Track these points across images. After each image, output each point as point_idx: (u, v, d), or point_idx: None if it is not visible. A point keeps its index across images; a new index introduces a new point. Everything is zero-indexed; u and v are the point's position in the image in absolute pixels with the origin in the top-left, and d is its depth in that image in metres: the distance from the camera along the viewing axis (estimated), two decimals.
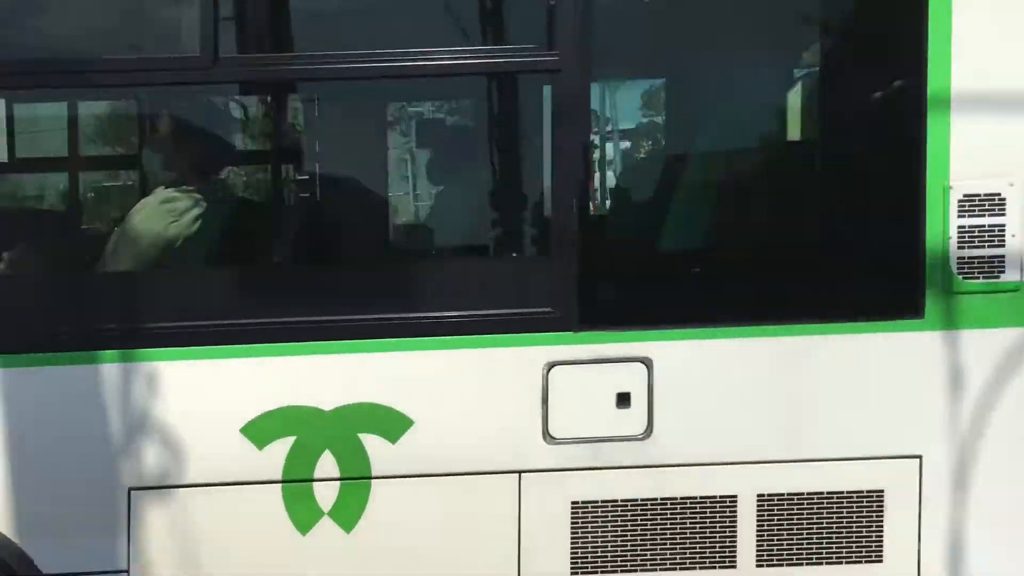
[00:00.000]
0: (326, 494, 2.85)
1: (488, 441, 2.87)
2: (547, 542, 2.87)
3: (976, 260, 2.80)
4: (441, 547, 2.92)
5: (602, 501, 2.85)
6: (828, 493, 2.86)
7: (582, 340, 2.83)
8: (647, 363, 2.83)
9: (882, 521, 2.91)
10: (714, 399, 2.89)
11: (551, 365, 2.84)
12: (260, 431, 2.82)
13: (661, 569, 2.85)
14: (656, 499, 2.84)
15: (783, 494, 2.85)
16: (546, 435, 2.85)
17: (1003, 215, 2.79)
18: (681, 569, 2.85)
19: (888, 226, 2.94)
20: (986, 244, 2.79)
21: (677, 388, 2.85)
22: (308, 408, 2.84)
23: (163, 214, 3.19)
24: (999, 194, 2.79)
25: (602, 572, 2.83)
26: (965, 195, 2.80)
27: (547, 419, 2.85)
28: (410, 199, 6.81)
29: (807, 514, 2.85)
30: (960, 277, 2.82)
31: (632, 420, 2.84)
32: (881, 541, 2.91)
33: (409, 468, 2.84)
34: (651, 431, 2.84)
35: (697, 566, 2.85)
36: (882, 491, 2.90)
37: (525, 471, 2.86)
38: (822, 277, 3.04)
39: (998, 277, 2.82)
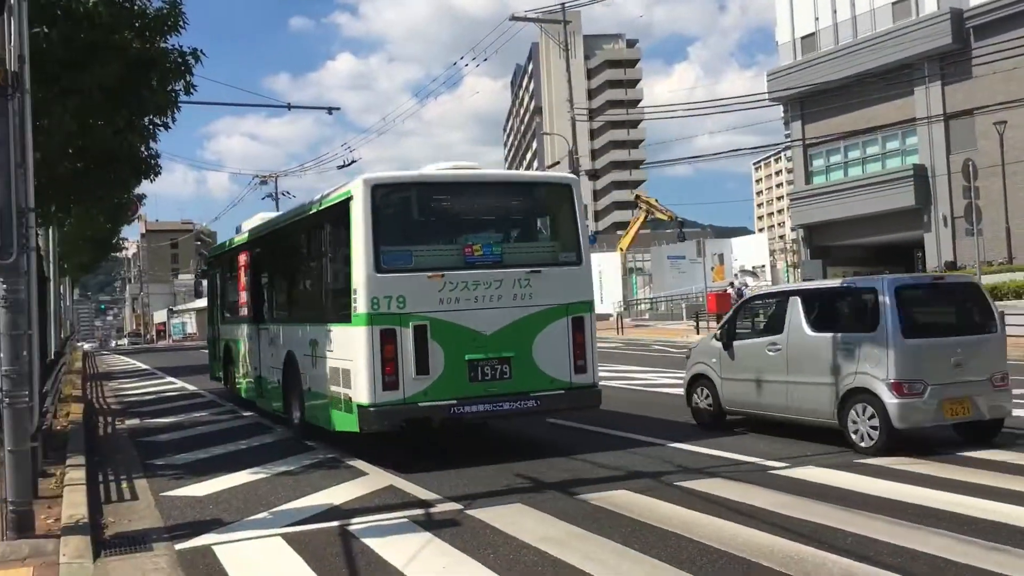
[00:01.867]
0: None
1: None
2: None
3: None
4: None
5: None
6: (337, 368, 10.59)
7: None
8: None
9: (351, 376, 9.91)
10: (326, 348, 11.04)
11: None
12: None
13: None
14: None
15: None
16: None
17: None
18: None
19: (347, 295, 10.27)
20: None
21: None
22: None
23: None
24: None
25: None
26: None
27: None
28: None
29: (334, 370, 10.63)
30: (353, 312, 9.98)
31: None
32: (350, 383, 10.01)
33: None
34: None
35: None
36: (348, 368, 10.00)
37: None
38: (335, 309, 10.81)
39: (356, 310, 9.90)
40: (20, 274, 7.36)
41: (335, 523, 7.26)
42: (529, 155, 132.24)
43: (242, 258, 15.57)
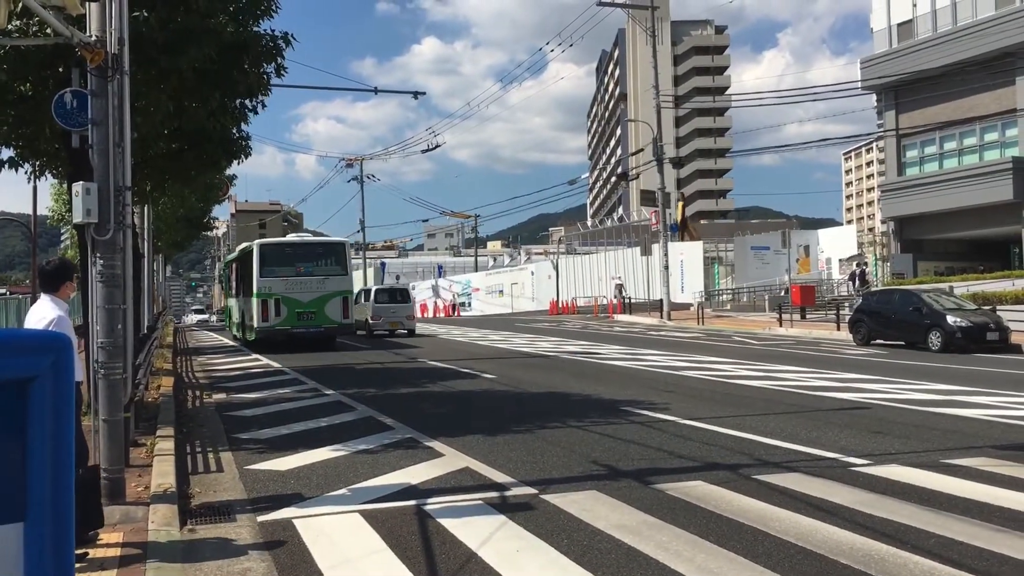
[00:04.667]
0: None
1: None
2: None
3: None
4: None
5: None
6: (252, 314, 27.47)
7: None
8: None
9: (253, 317, 27.12)
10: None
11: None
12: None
13: None
14: None
15: None
16: None
17: None
18: None
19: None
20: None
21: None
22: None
23: None
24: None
25: None
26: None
27: None
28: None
29: None
30: (254, 292, 26.74)
31: None
32: (253, 319, 27.31)
33: None
34: None
35: None
36: (254, 314, 27.19)
37: None
38: (250, 291, 27.79)
39: (254, 292, 26.62)
40: (116, 250, 7.63)
41: (411, 502, 7.37)
42: (612, 142, 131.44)
43: (232, 266, 32.95)
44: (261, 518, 6.96)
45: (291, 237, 28.78)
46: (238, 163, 15.62)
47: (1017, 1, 38.85)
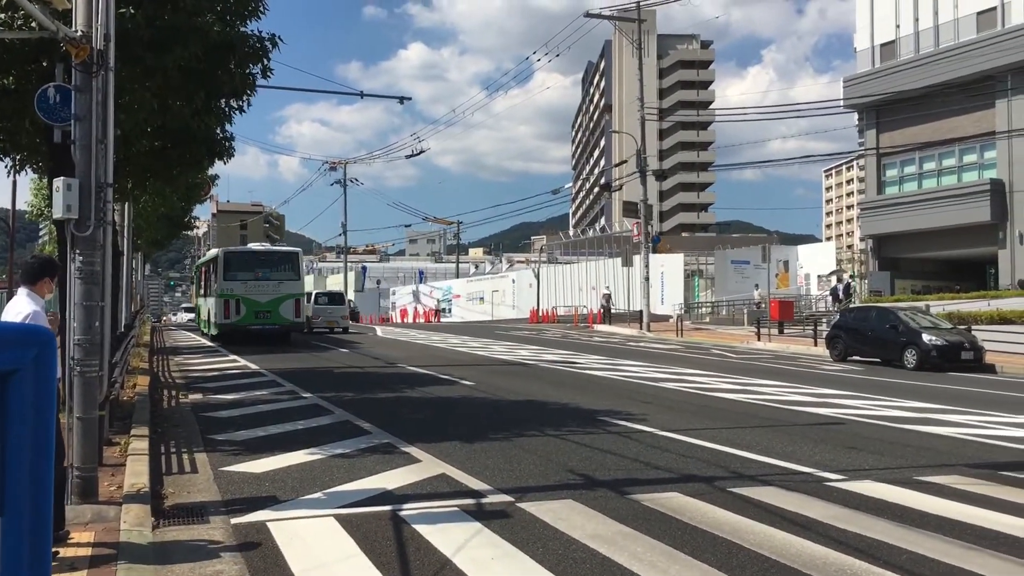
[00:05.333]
0: None
1: None
2: None
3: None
4: None
5: None
6: (216, 311, 31.12)
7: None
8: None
9: (218, 314, 30.79)
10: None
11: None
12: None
13: None
14: None
15: None
16: None
17: None
18: None
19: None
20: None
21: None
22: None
23: None
24: None
25: None
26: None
27: None
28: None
29: None
30: (217, 293, 30.49)
31: None
32: (218, 316, 30.94)
33: None
34: None
35: None
36: (218, 311, 30.65)
37: None
38: (215, 291, 30.73)
39: (218, 292, 30.60)
40: (96, 247, 7.58)
41: (387, 507, 7.35)
42: (596, 153, 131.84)
43: (202, 269, 36.40)
44: (235, 520, 6.92)
45: (252, 246, 35.11)
46: (222, 163, 15.56)
47: (998, 25, 39.32)
